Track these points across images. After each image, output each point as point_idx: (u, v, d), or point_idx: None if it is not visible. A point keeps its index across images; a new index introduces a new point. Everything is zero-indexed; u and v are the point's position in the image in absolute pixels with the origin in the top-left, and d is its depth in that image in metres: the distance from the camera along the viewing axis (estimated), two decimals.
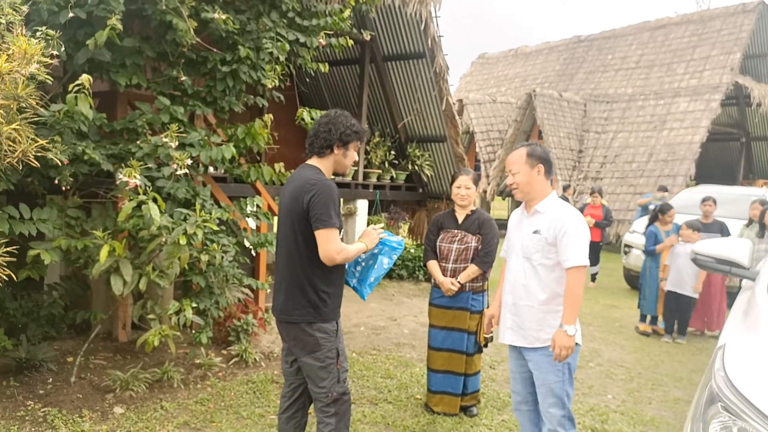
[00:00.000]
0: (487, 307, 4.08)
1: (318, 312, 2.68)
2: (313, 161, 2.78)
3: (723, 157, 17.87)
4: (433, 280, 4.10)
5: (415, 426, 3.82)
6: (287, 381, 2.94)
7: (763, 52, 17.06)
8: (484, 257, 3.97)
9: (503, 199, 17.87)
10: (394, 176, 8.71)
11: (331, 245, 2.60)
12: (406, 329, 6.25)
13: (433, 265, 4.07)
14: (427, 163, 8.70)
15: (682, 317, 6.60)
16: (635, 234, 9.37)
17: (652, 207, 9.36)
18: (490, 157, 16.49)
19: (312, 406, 2.89)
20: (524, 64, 21.88)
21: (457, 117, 8.36)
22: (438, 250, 4.07)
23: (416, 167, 8.67)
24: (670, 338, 6.62)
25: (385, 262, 3.00)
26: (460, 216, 4.08)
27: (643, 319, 6.97)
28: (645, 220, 8.93)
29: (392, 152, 8.73)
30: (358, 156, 8.07)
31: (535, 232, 2.84)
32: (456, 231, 4.04)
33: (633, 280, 9.33)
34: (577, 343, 2.81)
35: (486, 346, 3.93)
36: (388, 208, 8.86)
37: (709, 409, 1.73)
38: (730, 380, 1.71)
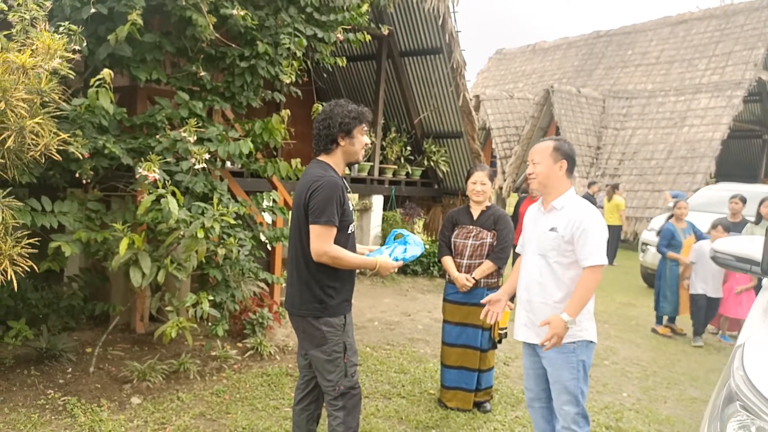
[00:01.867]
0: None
1: (324, 306, 2.69)
2: (323, 157, 2.79)
3: (744, 155, 17.60)
4: (447, 276, 4.10)
5: (429, 421, 3.83)
6: (301, 373, 2.97)
7: None
8: (499, 253, 3.97)
9: (518, 195, 17.75)
10: (410, 172, 8.72)
11: (318, 242, 2.60)
12: (420, 325, 6.26)
13: (447, 261, 4.07)
14: (443, 159, 8.69)
15: (709, 318, 6.47)
16: (652, 232, 9.27)
17: (669, 205, 9.24)
18: (506, 154, 16.39)
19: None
20: (542, 59, 21.69)
21: (473, 113, 8.33)
22: (453, 246, 4.07)
23: (432, 163, 8.67)
24: (701, 341, 6.39)
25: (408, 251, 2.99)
26: (476, 212, 4.07)
27: (659, 321, 6.84)
28: (663, 218, 8.83)
29: (408, 148, 8.74)
30: (375, 150, 8.09)
31: (552, 229, 2.81)
32: (471, 227, 4.04)
33: (650, 278, 9.22)
34: (591, 341, 2.80)
35: (500, 341, 3.91)
36: (404, 203, 8.87)
37: (728, 407, 1.71)
38: (749, 379, 1.70)
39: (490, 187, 4.01)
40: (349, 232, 2.78)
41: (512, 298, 4.16)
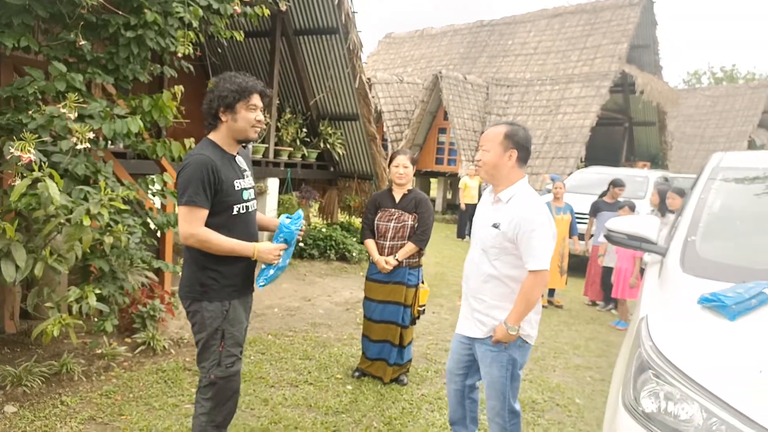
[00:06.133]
0: (422, 281, 4.27)
1: (205, 290, 2.57)
2: (211, 135, 2.64)
3: (609, 141, 19.26)
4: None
5: (338, 406, 3.80)
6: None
7: (646, 42, 18.49)
8: (421, 235, 4.13)
9: None
10: (306, 154, 8.56)
11: (183, 224, 2.48)
12: (321, 309, 6.19)
13: (370, 244, 4.20)
14: (339, 141, 8.61)
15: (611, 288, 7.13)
16: None
17: (548, 187, 9.92)
18: (397, 137, 16.65)
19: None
20: (430, 45, 22.22)
21: (369, 95, 8.32)
22: (376, 229, 4.18)
23: (328, 145, 8.57)
24: (607, 308, 7.39)
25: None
26: (398, 195, 4.19)
27: None
28: (542, 198, 9.45)
29: (304, 130, 8.55)
30: (269, 132, 7.82)
31: (495, 225, 2.63)
32: (393, 210, 4.15)
33: None
34: (526, 342, 2.70)
35: (418, 317, 4.17)
36: (299, 186, 8.69)
37: (641, 376, 1.85)
38: (657, 348, 1.84)
39: (411, 170, 4.16)
40: (235, 213, 2.59)
41: (424, 281, 4.29)
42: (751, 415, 1.55)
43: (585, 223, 8.16)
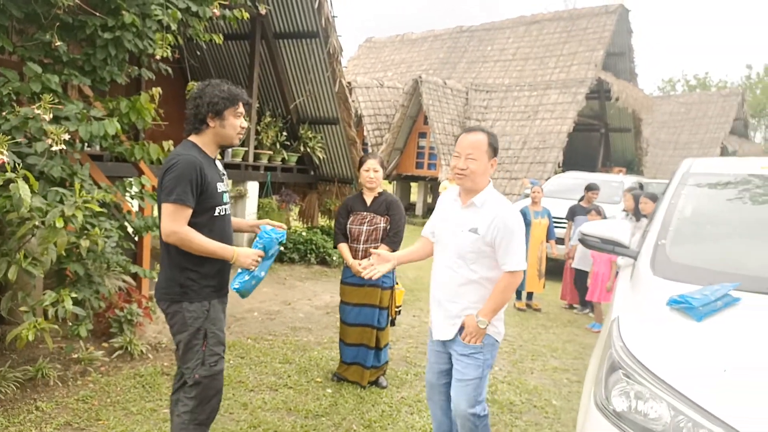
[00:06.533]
0: (397, 283, 4.32)
1: (185, 291, 2.59)
2: (192, 137, 2.67)
3: (585, 146, 19.58)
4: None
5: (318, 409, 3.80)
6: (178, 363, 2.80)
7: (622, 50, 18.84)
8: (394, 237, 4.17)
9: (389, 183, 18.21)
10: (286, 158, 8.55)
11: (166, 221, 2.50)
12: (301, 313, 6.18)
13: (343, 248, 4.20)
14: (319, 145, 8.62)
15: (585, 291, 7.23)
16: None
17: (526, 192, 10.06)
18: (377, 141, 16.69)
19: None
20: (410, 50, 22.34)
21: (349, 99, 8.35)
22: (349, 232, 4.19)
23: (308, 149, 8.57)
24: (583, 311, 7.45)
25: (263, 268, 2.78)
26: (368, 198, 4.21)
27: (518, 296, 7.47)
28: (521, 203, 9.57)
29: (284, 133, 8.54)
30: (249, 135, 7.79)
31: (472, 230, 2.61)
32: (365, 213, 4.18)
33: None
34: (497, 341, 2.75)
35: (394, 320, 4.18)
36: (279, 190, 8.68)
37: (612, 376, 1.90)
38: (628, 349, 1.89)
39: (381, 173, 4.19)
40: (216, 214, 2.65)
41: (398, 282, 4.33)
42: (716, 413, 1.60)
43: (562, 227, 8.29)
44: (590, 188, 7.86)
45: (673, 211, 2.74)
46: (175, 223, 2.48)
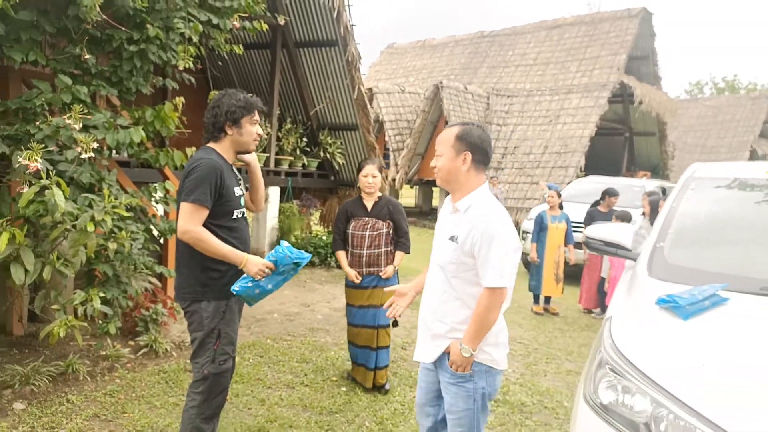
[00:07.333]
0: (398, 283, 4.31)
1: (205, 291, 2.71)
2: (211, 144, 2.82)
3: (609, 151, 19.42)
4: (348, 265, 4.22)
5: (332, 406, 3.93)
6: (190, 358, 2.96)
7: (645, 54, 18.68)
8: (405, 241, 4.23)
9: (411, 187, 18.32)
10: (306, 164, 8.73)
11: (183, 220, 2.62)
12: (320, 315, 6.33)
13: (341, 256, 4.22)
14: (339, 150, 8.78)
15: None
16: (531, 221, 10.03)
17: (546, 196, 10.06)
18: (398, 146, 16.83)
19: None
20: (431, 55, 22.46)
21: (368, 106, 8.50)
22: (351, 238, 4.18)
23: (328, 155, 8.74)
24: (601, 316, 7.36)
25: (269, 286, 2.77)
26: (369, 203, 4.21)
27: (536, 300, 7.51)
28: (541, 208, 9.59)
29: (304, 139, 8.73)
30: (270, 142, 8.00)
31: (452, 238, 2.32)
32: (367, 218, 4.17)
33: (530, 263, 10.00)
34: (493, 368, 2.35)
35: (396, 324, 4.25)
36: (300, 195, 8.87)
37: (599, 370, 1.99)
38: (616, 346, 1.98)
39: (380, 179, 4.16)
40: (233, 217, 2.78)
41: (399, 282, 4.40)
42: (694, 406, 1.68)
43: (581, 232, 8.29)
44: (610, 193, 7.82)
45: (673, 214, 2.80)
46: (190, 222, 2.61)
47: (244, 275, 2.73)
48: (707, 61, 62.05)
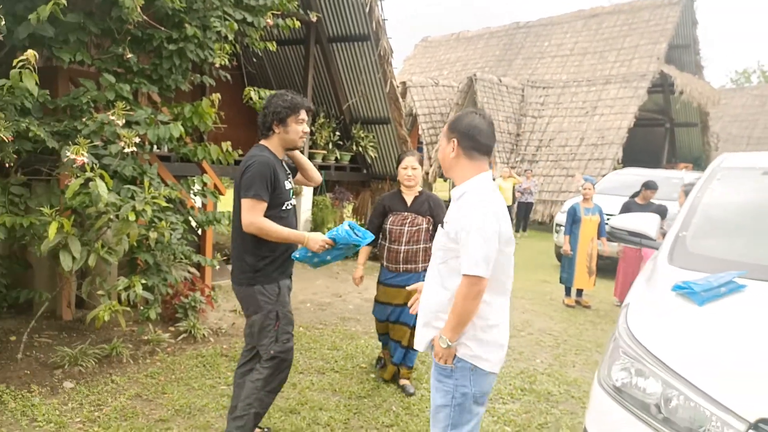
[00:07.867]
0: None
1: (259, 275, 2.91)
2: (263, 141, 3.02)
3: (649, 142, 18.97)
4: (383, 261, 4.09)
5: (361, 391, 4.06)
6: (246, 341, 3.15)
7: (686, 42, 18.14)
8: None
9: (444, 180, 18.30)
10: (339, 157, 8.87)
11: (246, 214, 2.82)
12: (351, 305, 6.47)
13: (362, 252, 4.06)
14: (371, 144, 8.90)
15: None
16: (565, 214, 9.94)
17: (581, 189, 9.94)
18: (432, 140, 16.83)
19: None
20: (465, 48, 22.31)
21: (400, 99, 8.58)
22: (389, 233, 4.02)
23: (360, 148, 8.86)
24: None
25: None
26: (408, 198, 4.06)
27: (567, 292, 7.48)
28: (575, 200, 9.51)
29: (337, 133, 8.87)
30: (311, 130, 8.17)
31: (443, 224, 2.31)
32: (406, 213, 4.01)
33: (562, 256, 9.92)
34: (478, 367, 2.20)
35: None
36: (333, 188, 9.02)
37: (613, 354, 2.04)
38: (630, 331, 2.03)
39: (420, 171, 4.01)
40: (284, 208, 2.97)
41: None
42: (704, 388, 1.72)
43: None
44: (648, 186, 7.66)
45: (698, 204, 2.80)
46: (253, 215, 2.81)
47: (303, 248, 2.93)
48: (755, 49, 59.61)
